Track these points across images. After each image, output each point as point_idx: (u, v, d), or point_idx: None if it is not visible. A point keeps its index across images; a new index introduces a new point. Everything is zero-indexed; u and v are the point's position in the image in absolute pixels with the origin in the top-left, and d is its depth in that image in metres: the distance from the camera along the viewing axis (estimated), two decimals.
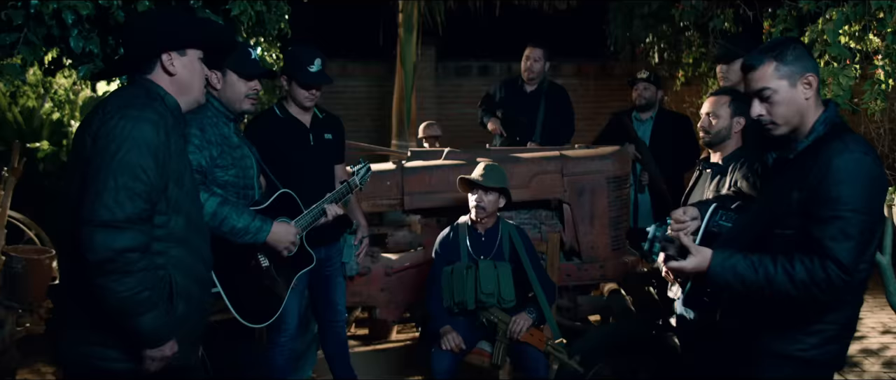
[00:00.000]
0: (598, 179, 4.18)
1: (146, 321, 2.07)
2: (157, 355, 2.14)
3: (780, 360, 2.25)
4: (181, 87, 2.24)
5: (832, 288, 2.06)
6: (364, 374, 4.22)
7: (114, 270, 1.98)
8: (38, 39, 2.92)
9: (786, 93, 2.19)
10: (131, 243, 2.00)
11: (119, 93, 2.20)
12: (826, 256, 2.04)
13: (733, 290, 2.18)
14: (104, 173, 1.99)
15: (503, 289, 3.52)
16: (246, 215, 2.87)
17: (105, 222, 1.97)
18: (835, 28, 3.19)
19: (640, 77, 4.99)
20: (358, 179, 3.49)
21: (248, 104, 3.08)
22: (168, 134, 2.12)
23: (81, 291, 2.07)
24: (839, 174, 2.06)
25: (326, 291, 3.79)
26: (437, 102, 8.95)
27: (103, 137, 2.02)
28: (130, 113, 2.05)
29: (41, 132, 5.82)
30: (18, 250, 4.54)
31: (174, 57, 2.21)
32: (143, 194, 2.03)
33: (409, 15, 6.83)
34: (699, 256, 2.17)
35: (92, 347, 2.13)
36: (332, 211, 3.28)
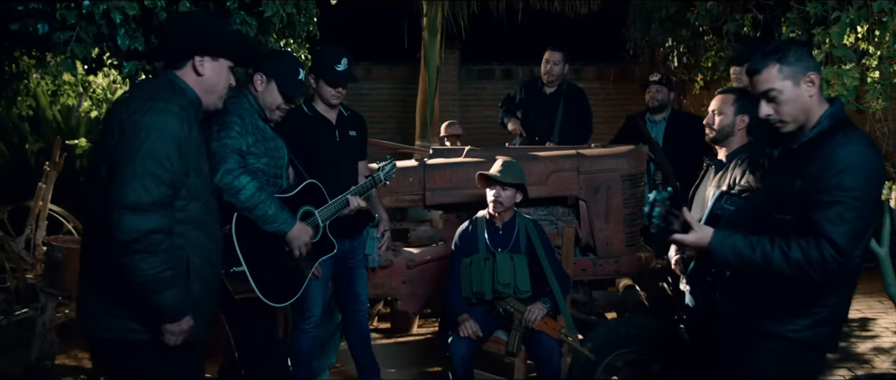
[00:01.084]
0: (614, 176, 4.29)
1: (167, 298, 2.23)
2: (175, 330, 2.31)
3: (772, 340, 2.37)
4: (206, 87, 2.43)
5: (826, 268, 2.17)
6: (386, 365, 4.37)
7: (140, 249, 2.15)
8: (88, 37, 3.14)
9: (790, 92, 2.32)
10: (157, 225, 2.17)
11: (144, 85, 2.39)
12: (821, 237, 2.16)
13: (732, 267, 2.31)
14: (133, 161, 2.15)
15: (519, 280, 3.67)
16: (277, 206, 3.04)
17: (133, 205, 2.13)
18: (840, 30, 3.30)
19: (652, 80, 5.12)
20: (383, 175, 3.64)
21: (277, 115, 3.28)
22: (190, 126, 2.29)
23: (107, 268, 2.22)
24: (840, 164, 2.18)
25: (350, 281, 3.96)
26: (460, 105, 9.11)
27: (131, 127, 2.18)
28: (157, 105, 2.22)
29: (79, 130, 6.07)
30: (59, 240, 4.77)
31: (206, 60, 2.40)
32: (168, 181, 2.20)
33: (433, 19, 7.01)
34: (700, 232, 2.30)
35: (116, 320, 2.29)
36: (355, 203, 3.45)
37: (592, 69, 9.06)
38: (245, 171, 2.96)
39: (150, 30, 3.34)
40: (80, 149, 5.65)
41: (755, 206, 2.47)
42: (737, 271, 2.37)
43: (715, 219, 2.52)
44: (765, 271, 2.24)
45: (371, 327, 5.35)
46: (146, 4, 3.22)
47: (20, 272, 4.74)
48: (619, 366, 3.69)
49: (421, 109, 7.16)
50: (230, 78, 2.50)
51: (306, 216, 3.29)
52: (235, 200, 2.90)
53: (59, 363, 4.62)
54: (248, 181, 2.94)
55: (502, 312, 3.68)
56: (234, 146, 2.97)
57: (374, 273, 4.19)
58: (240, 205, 2.92)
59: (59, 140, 5.12)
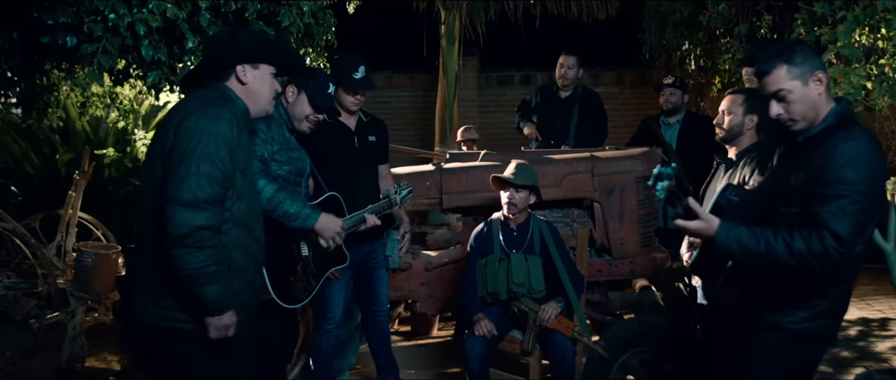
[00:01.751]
0: (627, 178, 4.33)
1: (210, 291, 2.35)
2: (217, 323, 2.43)
3: (772, 331, 2.43)
4: (250, 95, 2.56)
5: (829, 260, 2.22)
6: (406, 366, 4.45)
7: (190, 244, 2.28)
8: (114, 49, 3.29)
9: (800, 91, 2.38)
10: (207, 222, 2.31)
11: (199, 94, 2.52)
12: (824, 229, 2.21)
13: (736, 258, 2.37)
14: (188, 161, 2.29)
15: (533, 280, 3.74)
16: (299, 202, 3.15)
17: (187, 202, 2.28)
18: (846, 30, 3.34)
19: (666, 83, 5.16)
20: (399, 198, 3.72)
21: (305, 126, 3.41)
22: (239, 131, 2.44)
23: (158, 261, 2.37)
24: (843, 159, 2.24)
25: (370, 282, 4.05)
26: (480, 111, 9.19)
27: (186, 130, 2.33)
28: (210, 111, 2.37)
29: (107, 140, 6.25)
30: (88, 246, 4.92)
31: (248, 69, 2.54)
32: (219, 180, 2.34)
33: (451, 26, 7.11)
34: (706, 221, 2.36)
35: (164, 310, 2.44)
36: (372, 221, 3.56)
37: (610, 74, 9.10)
38: (262, 174, 3.06)
39: (173, 41, 3.48)
40: (108, 158, 5.82)
41: (760, 198, 2.53)
42: (741, 262, 2.42)
43: (720, 209, 2.58)
44: (768, 262, 2.29)
45: (392, 329, 5.43)
46: (169, 17, 3.36)
47: (51, 278, 4.89)
48: (633, 365, 3.74)
49: (440, 116, 7.25)
50: (275, 84, 2.63)
51: None
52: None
53: (88, 366, 4.75)
54: (266, 184, 3.05)
55: (517, 311, 3.75)
56: (257, 153, 3.08)
57: (393, 275, 4.27)
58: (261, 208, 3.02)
59: (88, 149, 5.28)
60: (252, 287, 2.62)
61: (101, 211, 5.70)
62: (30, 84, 4.95)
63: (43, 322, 4.77)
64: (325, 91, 3.37)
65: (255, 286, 2.67)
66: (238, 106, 2.51)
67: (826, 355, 4.55)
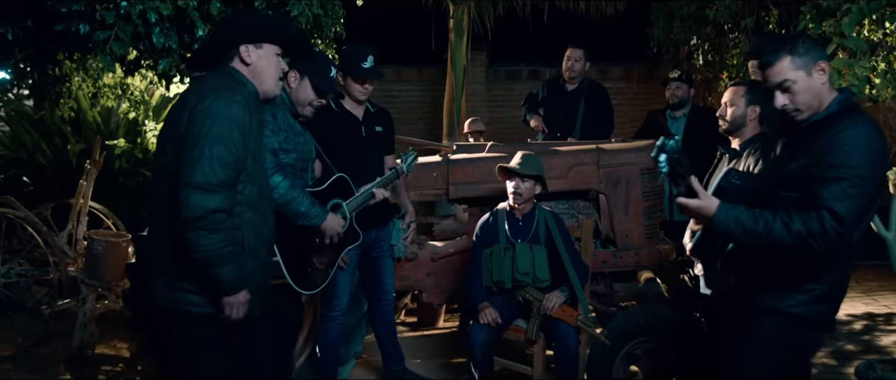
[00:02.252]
0: (633, 170, 4.36)
1: (225, 272, 2.40)
2: (233, 302, 2.48)
3: (770, 314, 2.46)
4: (256, 75, 2.58)
5: (827, 239, 2.25)
6: (412, 356, 4.49)
7: (204, 226, 2.33)
8: (126, 36, 3.35)
9: (804, 82, 2.42)
10: (220, 205, 2.35)
11: (210, 77, 2.55)
12: (823, 208, 2.24)
13: (735, 238, 2.41)
14: (201, 144, 2.33)
15: (538, 269, 3.77)
16: (309, 201, 3.21)
17: (201, 185, 2.31)
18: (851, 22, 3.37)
19: (672, 77, 5.19)
20: (405, 167, 3.78)
21: (308, 111, 3.44)
22: (251, 115, 2.48)
23: (172, 244, 2.42)
24: (846, 144, 2.28)
25: (376, 271, 4.09)
26: (488, 105, 9.22)
27: (200, 112, 2.36)
28: (223, 95, 2.40)
29: (118, 131, 6.30)
30: (99, 234, 4.98)
31: (251, 49, 2.55)
32: (232, 164, 2.37)
33: (459, 20, 7.14)
34: (705, 201, 2.40)
35: (178, 292, 2.48)
36: (381, 194, 3.60)
37: (618, 69, 9.10)
38: (278, 170, 3.11)
39: (183, 29, 3.53)
40: (119, 149, 5.88)
41: (761, 183, 2.56)
42: (740, 242, 2.46)
43: (722, 192, 2.61)
44: (767, 242, 2.32)
45: (398, 320, 5.48)
46: (179, 4, 3.42)
47: (62, 266, 4.96)
48: (637, 355, 3.76)
49: (448, 109, 7.28)
50: (281, 64, 2.65)
51: (335, 208, 3.44)
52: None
53: (98, 352, 4.81)
54: (281, 180, 3.10)
55: (521, 300, 3.78)
56: (268, 145, 3.12)
57: (399, 265, 4.31)
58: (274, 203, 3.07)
59: (99, 139, 5.35)
60: (265, 268, 2.68)
61: (111, 201, 5.77)
62: (42, 75, 5.01)
63: (54, 309, 4.85)
64: (328, 75, 3.40)
65: (268, 267, 2.73)
66: (249, 89, 2.53)
67: (830, 349, 4.62)
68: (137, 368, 4.60)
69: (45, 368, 4.57)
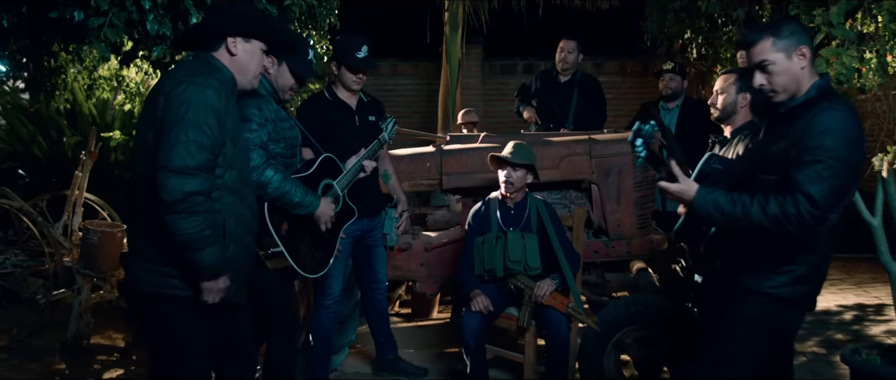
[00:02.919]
0: (625, 160, 4.38)
1: (206, 256, 2.41)
2: (212, 287, 2.49)
3: (752, 295, 2.49)
4: (238, 67, 2.61)
5: (802, 222, 2.28)
6: (405, 346, 4.51)
7: (183, 209, 2.33)
8: (120, 23, 3.37)
9: (783, 64, 2.44)
10: (198, 188, 2.35)
11: (186, 64, 2.58)
12: (799, 192, 2.27)
13: (714, 221, 2.44)
14: (177, 129, 2.34)
15: (529, 258, 3.80)
16: (301, 191, 3.22)
17: (178, 169, 2.32)
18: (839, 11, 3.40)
19: (665, 68, 5.23)
20: (387, 135, 3.78)
21: (288, 95, 3.44)
22: (227, 99, 2.49)
23: (151, 229, 2.43)
24: (822, 126, 2.31)
25: (369, 260, 4.12)
26: (483, 99, 9.25)
27: (175, 98, 2.38)
28: (198, 80, 2.42)
29: (114, 123, 6.32)
30: (94, 224, 5.00)
31: (239, 42, 2.58)
32: (209, 147, 2.38)
33: (454, 13, 7.17)
34: (685, 184, 2.43)
35: (159, 276, 2.50)
36: (369, 165, 3.64)
37: (613, 64, 9.14)
38: (268, 164, 3.12)
39: (177, 16, 3.55)
40: (115, 141, 5.90)
41: (741, 166, 2.59)
42: (719, 225, 2.49)
43: (703, 177, 2.65)
44: (744, 225, 2.35)
45: (392, 311, 5.50)
46: None
47: (58, 256, 4.97)
48: (628, 343, 3.79)
49: (443, 102, 7.31)
50: (263, 61, 2.69)
51: (327, 189, 3.47)
52: (263, 193, 3.07)
53: (93, 342, 4.84)
54: (273, 174, 3.10)
55: (513, 288, 3.81)
56: (257, 140, 3.12)
57: (393, 256, 4.33)
58: (268, 197, 3.10)
59: (95, 131, 5.36)
60: (247, 253, 2.68)
61: (107, 193, 5.78)
62: (38, 66, 5.03)
63: (49, 299, 4.86)
64: (305, 59, 3.41)
65: (250, 253, 2.73)
66: (224, 75, 2.55)
67: (820, 338, 4.65)
68: (133, 357, 4.63)
69: (41, 358, 4.59)
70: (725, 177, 2.61)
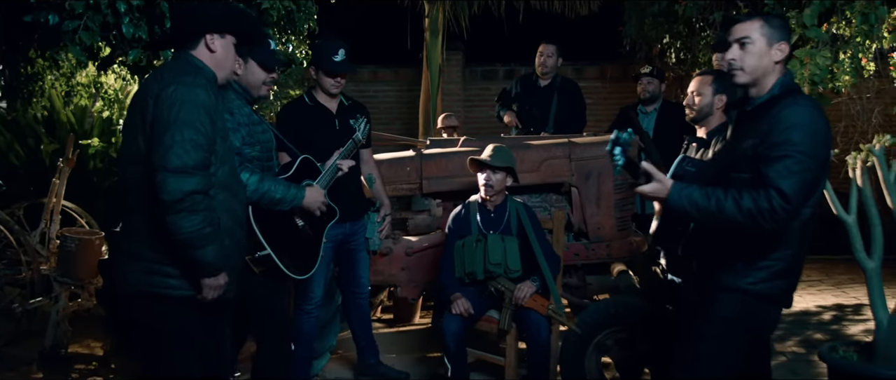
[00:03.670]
0: (605, 163, 4.37)
1: (207, 253, 2.45)
2: (213, 284, 2.53)
3: (730, 293, 2.51)
4: (217, 63, 2.65)
5: (775, 217, 2.31)
6: (387, 351, 4.50)
7: (184, 208, 2.36)
8: (95, 26, 3.34)
9: (761, 48, 2.49)
10: (197, 186, 2.39)
11: (169, 65, 2.62)
12: (771, 187, 2.30)
13: (689, 217, 2.47)
14: (172, 130, 2.37)
15: (510, 260, 3.80)
16: (282, 186, 3.22)
17: (177, 169, 2.35)
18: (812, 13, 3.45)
19: (643, 72, 5.27)
20: (360, 135, 3.77)
21: (264, 91, 3.43)
22: (215, 96, 2.54)
23: (149, 231, 2.45)
24: (788, 122, 2.35)
25: (351, 264, 4.10)
26: (463, 105, 9.25)
27: (166, 99, 2.41)
28: (186, 80, 2.46)
29: (92, 131, 6.27)
30: (72, 231, 4.95)
31: (215, 38, 2.62)
32: (204, 145, 2.43)
33: (434, 19, 7.18)
34: (660, 183, 2.45)
35: (154, 276, 2.52)
36: (346, 164, 3.62)
37: (593, 69, 9.18)
38: (243, 168, 3.10)
39: (154, 19, 3.53)
40: (93, 149, 5.85)
41: (714, 167, 2.62)
42: (694, 221, 2.51)
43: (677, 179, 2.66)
44: (719, 220, 2.37)
45: (374, 317, 5.49)
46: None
47: (35, 264, 4.92)
48: (609, 345, 3.79)
49: (423, 107, 7.31)
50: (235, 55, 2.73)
51: None
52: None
53: (72, 351, 4.78)
54: (249, 177, 3.09)
55: (494, 291, 3.81)
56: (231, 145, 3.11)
57: (374, 260, 4.31)
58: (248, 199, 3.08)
59: (73, 138, 5.32)
60: (240, 248, 2.73)
61: (85, 201, 5.73)
62: (14, 73, 4.98)
63: (26, 308, 4.80)
64: (270, 50, 3.39)
65: (242, 247, 2.78)
66: (207, 73, 2.59)
67: (799, 338, 4.69)
68: (111, 366, 4.58)
69: (18, 367, 4.53)
70: (699, 178, 2.63)
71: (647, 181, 2.47)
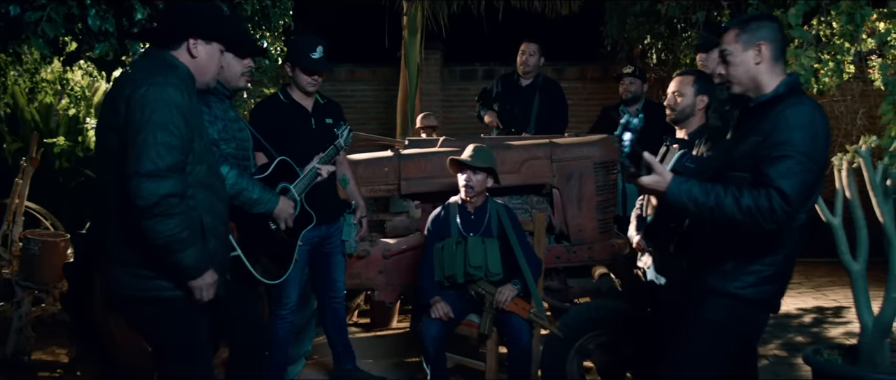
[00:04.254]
0: (586, 164, 4.35)
1: (186, 257, 2.39)
2: (200, 284, 2.48)
3: (719, 297, 2.46)
4: (198, 69, 2.59)
5: (775, 218, 2.26)
6: (364, 356, 4.39)
7: (159, 213, 2.30)
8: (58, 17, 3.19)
9: (739, 55, 2.47)
10: (172, 189, 2.32)
11: (140, 63, 2.54)
12: (771, 187, 2.26)
13: (687, 212, 2.42)
14: (144, 132, 2.30)
15: (490, 263, 3.72)
16: (259, 187, 3.14)
17: (150, 173, 2.29)
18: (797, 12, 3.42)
19: (625, 72, 5.23)
20: (343, 141, 3.68)
21: (243, 81, 3.34)
22: (189, 95, 2.46)
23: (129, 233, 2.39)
24: (790, 122, 2.31)
25: (326, 268, 3.99)
26: (443, 106, 9.16)
27: (137, 101, 2.34)
28: (157, 80, 2.38)
29: (58, 129, 6.07)
30: (35, 234, 4.78)
31: (200, 43, 2.55)
32: (178, 147, 2.36)
33: (412, 17, 7.08)
34: (661, 176, 2.38)
35: (142, 280, 2.46)
36: (326, 170, 3.53)
37: (574, 69, 9.12)
38: (222, 160, 3.00)
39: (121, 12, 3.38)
40: (59, 147, 5.66)
41: (714, 164, 2.57)
42: (691, 216, 2.46)
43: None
44: (717, 216, 2.32)
45: (350, 321, 5.38)
46: None
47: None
48: (591, 349, 3.73)
49: (401, 107, 7.21)
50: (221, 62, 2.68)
51: (283, 193, 3.36)
52: None
53: (35, 358, 4.63)
54: (228, 170, 3.01)
55: (474, 294, 3.73)
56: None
57: (350, 263, 4.21)
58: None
59: (37, 136, 5.13)
60: (225, 245, 2.70)
61: (51, 202, 5.54)
62: None
63: None
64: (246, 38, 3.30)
65: (227, 245, 2.75)
66: (182, 71, 2.52)
67: (780, 340, 4.66)
68: (76, 373, 4.42)
69: None
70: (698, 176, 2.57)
71: (648, 173, 2.40)
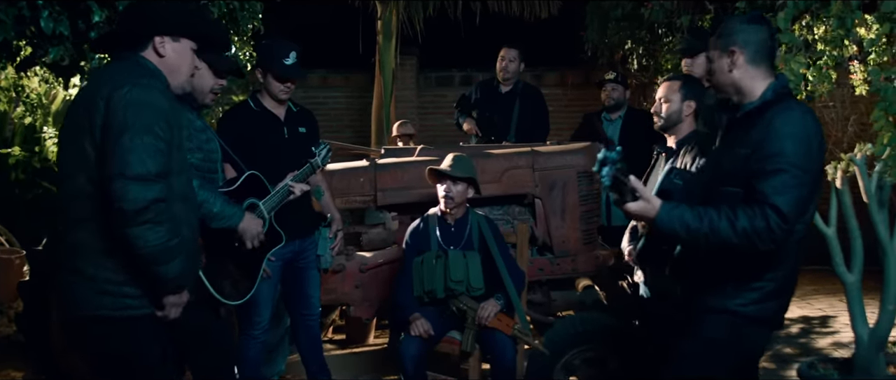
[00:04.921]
0: (569, 173, 4.23)
1: (172, 268, 2.25)
2: (177, 301, 2.36)
3: (720, 315, 2.35)
4: (169, 69, 2.41)
5: (772, 237, 2.15)
6: (340, 374, 4.22)
7: (148, 219, 2.15)
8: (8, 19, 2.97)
9: (716, 62, 2.40)
10: (160, 195, 2.18)
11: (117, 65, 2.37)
12: (767, 205, 2.15)
13: (679, 239, 2.30)
14: (129, 134, 2.15)
15: (472, 277, 3.59)
16: (221, 200, 2.97)
17: (139, 176, 2.13)
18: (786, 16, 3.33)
19: (607, 78, 5.14)
20: (320, 160, 3.53)
21: (209, 98, 3.19)
22: (170, 101, 2.31)
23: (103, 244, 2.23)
24: (781, 131, 2.20)
25: (300, 284, 3.80)
26: (419, 112, 9.03)
27: (120, 101, 2.17)
28: (142, 82, 2.23)
29: (13, 139, 5.81)
30: None
31: (167, 41, 2.38)
32: (164, 152, 2.22)
33: (387, 21, 6.94)
34: (648, 202, 2.25)
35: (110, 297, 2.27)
36: (299, 188, 3.36)
37: (553, 75, 9.03)
38: None
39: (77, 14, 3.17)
40: (14, 158, 5.40)
41: (704, 180, 2.46)
42: (683, 243, 2.34)
43: (666, 195, 2.49)
44: (712, 241, 2.21)
45: (325, 337, 5.20)
46: None
47: None
48: (577, 364, 3.61)
49: (376, 114, 7.05)
50: (195, 60, 2.49)
51: (251, 209, 3.19)
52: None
53: None
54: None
55: (455, 310, 3.59)
56: None
57: (325, 278, 4.04)
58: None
59: None
60: (195, 263, 2.57)
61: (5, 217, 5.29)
62: None
63: None
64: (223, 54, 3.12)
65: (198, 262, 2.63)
66: (162, 78, 2.37)
67: (769, 352, 4.56)
68: None
69: None
70: (688, 192, 2.45)
71: (635, 199, 2.24)
